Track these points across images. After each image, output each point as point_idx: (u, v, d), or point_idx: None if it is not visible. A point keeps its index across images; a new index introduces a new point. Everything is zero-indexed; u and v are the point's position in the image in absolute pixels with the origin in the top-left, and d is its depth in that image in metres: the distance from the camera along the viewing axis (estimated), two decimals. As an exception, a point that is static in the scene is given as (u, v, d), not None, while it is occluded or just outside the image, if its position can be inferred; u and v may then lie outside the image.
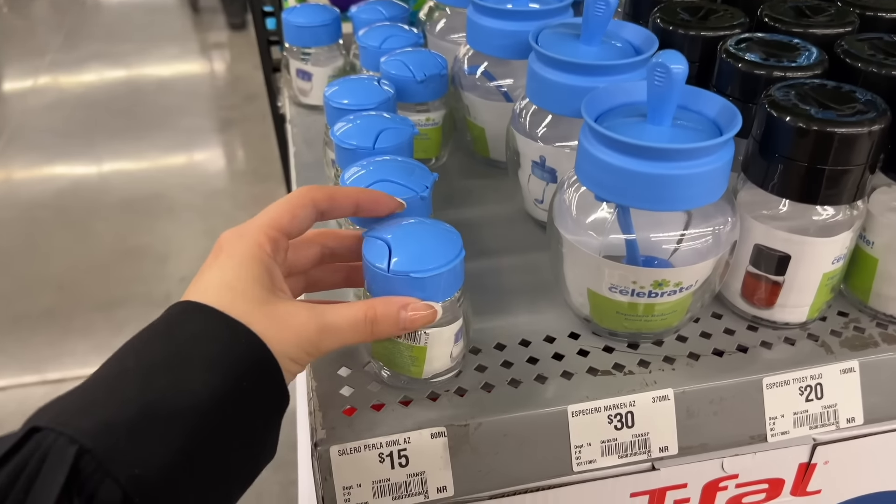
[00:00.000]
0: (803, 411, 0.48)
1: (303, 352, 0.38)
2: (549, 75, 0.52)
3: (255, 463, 0.37)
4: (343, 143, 0.52)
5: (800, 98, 0.45)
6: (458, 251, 0.42)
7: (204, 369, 0.34)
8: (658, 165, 0.41)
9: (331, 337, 0.39)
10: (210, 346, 0.35)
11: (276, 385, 0.37)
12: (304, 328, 0.38)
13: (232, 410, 0.34)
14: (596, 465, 0.46)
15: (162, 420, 0.32)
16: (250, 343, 0.36)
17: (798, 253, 0.47)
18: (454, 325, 0.44)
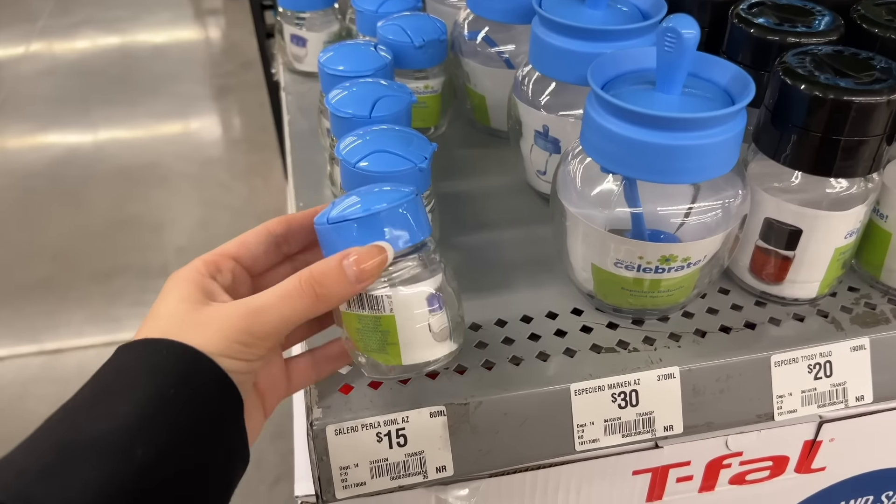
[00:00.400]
0: (811, 389, 0.47)
1: (234, 343, 0.35)
2: (553, 41, 0.50)
3: (222, 469, 0.35)
4: (338, 111, 0.50)
5: (815, 65, 0.43)
6: (410, 193, 0.39)
7: (124, 394, 0.33)
8: (667, 136, 0.39)
9: (262, 316, 0.36)
10: (132, 371, 0.34)
11: (213, 383, 0.34)
12: (227, 319, 0.35)
13: (163, 421, 0.32)
14: (599, 444, 0.45)
15: (79, 454, 0.30)
16: (171, 352, 0.34)
17: (810, 227, 0.45)
18: (424, 284, 0.39)
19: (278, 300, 0.36)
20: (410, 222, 0.38)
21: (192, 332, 0.35)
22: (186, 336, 0.35)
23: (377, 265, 0.37)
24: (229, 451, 0.36)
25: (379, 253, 0.37)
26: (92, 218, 1.98)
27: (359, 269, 0.36)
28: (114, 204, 2.02)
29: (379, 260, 0.37)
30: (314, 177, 0.61)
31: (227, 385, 0.35)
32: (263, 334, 0.36)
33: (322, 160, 0.62)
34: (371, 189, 0.40)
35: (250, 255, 0.41)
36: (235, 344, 0.35)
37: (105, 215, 1.98)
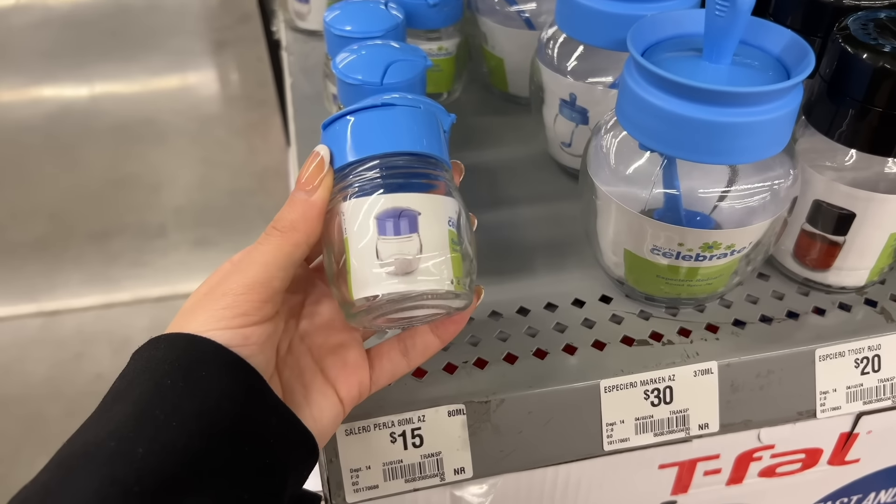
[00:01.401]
0: (857, 385, 0.44)
1: (220, 310, 0.31)
2: (584, 0, 0.45)
3: (257, 456, 0.31)
4: (347, 77, 0.46)
5: (879, 31, 0.39)
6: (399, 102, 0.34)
7: (124, 397, 0.30)
8: (716, 111, 0.35)
9: (236, 273, 0.32)
10: (132, 374, 0.31)
11: (213, 363, 0.31)
12: (209, 294, 0.32)
13: (162, 413, 0.29)
14: (629, 443, 0.42)
15: (77, 464, 0.28)
16: (167, 344, 0.31)
17: (863, 211, 0.41)
18: (381, 196, 0.32)
19: (248, 251, 0.33)
20: (377, 132, 0.33)
21: (187, 320, 0.32)
22: (183, 327, 0.32)
23: (315, 170, 0.33)
24: (260, 434, 0.31)
25: (314, 157, 0.33)
26: (88, 176, 1.93)
27: (303, 178, 0.33)
28: (110, 162, 1.98)
29: (316, 163, 0.33)
30: (319, 146, 0.57)
31: (232, 361, 0.31)
32: (242, 287, 0.32)
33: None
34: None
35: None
36: (222, 311, 0.31)
37: (101, 173, 1.94)
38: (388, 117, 0.33)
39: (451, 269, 0.31)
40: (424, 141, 0.33)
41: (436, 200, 0.32)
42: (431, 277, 0.31)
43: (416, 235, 0.31)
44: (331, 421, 0.35)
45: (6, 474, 1.25)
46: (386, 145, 0.33)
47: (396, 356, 0.37)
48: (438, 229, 0.32)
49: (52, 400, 1.38)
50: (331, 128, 0.34)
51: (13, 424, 1.35)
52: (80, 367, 1.44)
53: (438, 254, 0.31)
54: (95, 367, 1.43)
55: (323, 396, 0.35)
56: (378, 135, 0.33)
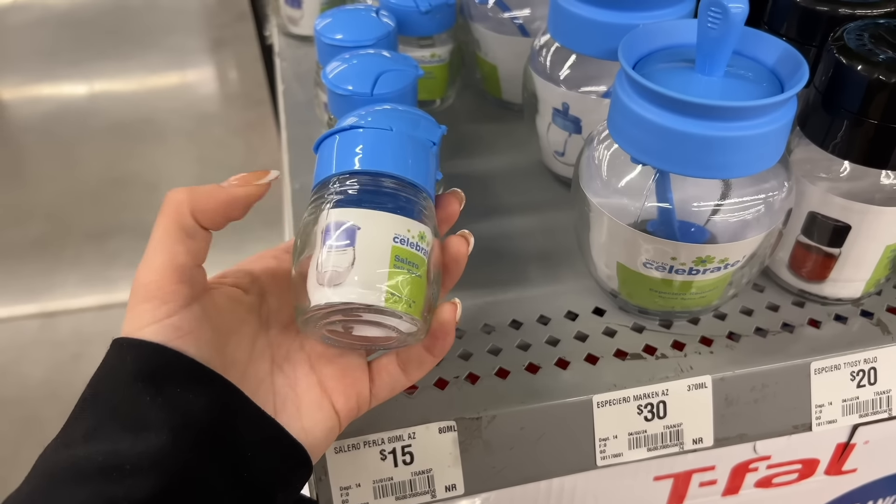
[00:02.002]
0: (853, 398, 0.43)
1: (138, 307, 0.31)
2: (575, 9, 0.44)
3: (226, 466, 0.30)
4: (337, 87, 0.45)
5: (874, 42, 0.38)
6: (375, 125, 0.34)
7: (101, 408, 0.30)
8: (709, 125, 0.34)
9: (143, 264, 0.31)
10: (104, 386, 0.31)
11: (187, 378, 0.30)
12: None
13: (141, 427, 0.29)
14: (622, 458, 0.41)
15: (68, 479, 0.28)
16: (135, 355, 0.30)
17: (859, 223, 0.41)
18: (335, 211, 0.32)
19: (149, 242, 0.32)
20: (343, 151, 0.34)
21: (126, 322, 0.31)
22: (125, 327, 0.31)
23: (255, 176, 0.34)
24: (238, 448, 0.30)
25: (267, 173, 0.34)
26: (86, 175, 1.93)
27: (238, 178, 0.34)
28: (108, 161, 1.97)
29: (262, 175, 0.34)
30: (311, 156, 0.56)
31: (204, 376, 0.30)
32: (150, 273, 0.31)
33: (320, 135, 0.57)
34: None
35: None
36: (138, 308, 0.31)
37: (99, 173, 1.93)
38: (354, 138, 0.34)
39: (385, 285, 0.31)
40: (390, 161, 0.33)
41: (380, 217, 0.32)
42: (359, 290, 0.31)
43: (351, 249, 0.31)
44: (324, 433, 0.34)
45: (4, 476, 1.25)
46: (346, 164, 0.33)
47: (395, 370, 0.36)
48: (378, 244, 0.31)
49: (50, 401, 1.38)
50: (321, 145, 0.35)
51: (11, 426, 1.34)
52: (77, 368, 1.43)
53: (373, 268, 0.31)
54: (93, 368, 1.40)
55: (317, 408, 0.34)
56: (343, 154, 0.34)
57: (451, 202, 0.37)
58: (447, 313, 0.34)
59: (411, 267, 0.32)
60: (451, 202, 0.37)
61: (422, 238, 0.33)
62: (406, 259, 0.32)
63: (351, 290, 0.31)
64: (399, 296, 0.31)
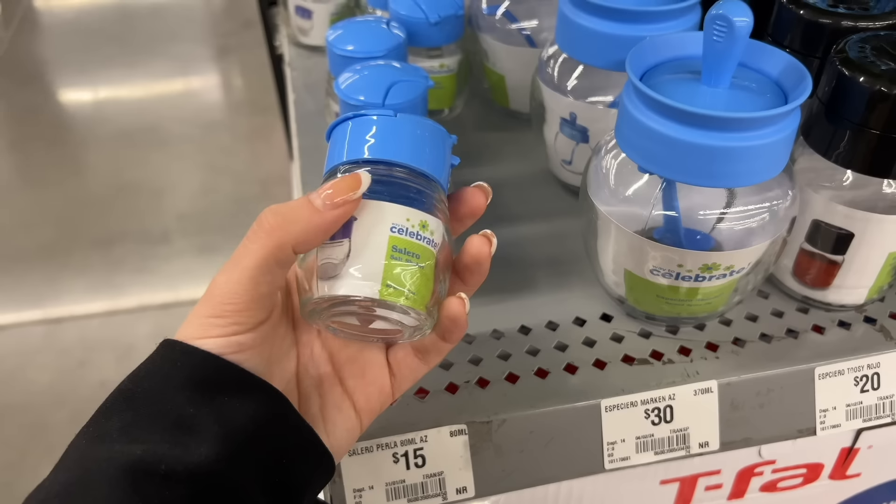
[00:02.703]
0: (857, 403, 0.44)
1: (204, 318, 0.31)
2: (583, 21, 0.45)
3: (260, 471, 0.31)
4: (349, 98, 0.46)
5: (876, 54, 0.39)
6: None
7: (145, 411, 0.30)
8: (714, 136, 0.35)
9: (221, 277, 0.31)
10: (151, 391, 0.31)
11: (238, 387, 0.31)
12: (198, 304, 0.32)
13: (188, 436, 0.29)
14: (630, 462, 0.42)
15: (100, 469, 0.28)
16: (186, 359, 0.30)
17: (862, 231, 0.41)
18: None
19: (237, 250, 0.31)
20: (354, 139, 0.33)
21: (186, 326, 0.31)
22: (183, 333, 0.31)
23: (346, 188, 0.31)
24: (282, 456, 0.31)
25: (355, 178, 0.31)
26: (92, 182, 1.94)
27: (330, 192, 0.30)
28: (114, 168, 1.98)
29: (351, 183, 0.31)
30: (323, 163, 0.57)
31: (254, 384, 0.31)
32: (228, 295, 0.30)
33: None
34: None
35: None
36: (205, 319, 0.31)
37: (105, 180, 1.94)
38: (363, 126, 0.33)
39: (381, 277, 0.30)
40: (392, 149, 0.32)
41: (377, 207, 0.31)
42: (354, 283, 0.30)
43: (346, 240, 0.31)
44: (345, 435, 0.34)
45: (11, 482, 1.26)
46: (352, 153, 0.32)
47: (413, 361, 0.36)
48: (375, 235, 0.31)
49: (56, 407, 1.39)
50: (332, 133, 0.34)
51: (17, 432, 1.35)
52: (83, 374, 1.44)
53: (368, 259, 0.31)
54: (99, 374, 1.44)
55: (339, 410, 0.35)
56: (349, 143, 0.33)
57: (475, 196, 0.36)
58: (455, 307, 0.33)
59: (411, 257, 0.31)
60: (475, 196, 0.36)
61: (424, 227, 0.32)
62: (405, 249, 0.31)
63: (345, 282, 0.30)
64: (397, 287, 0.30)
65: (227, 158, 2.02)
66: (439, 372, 0.42)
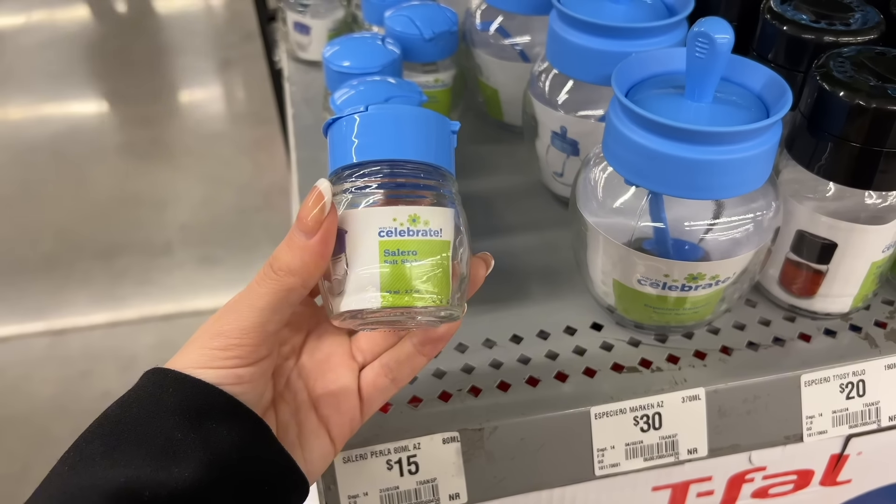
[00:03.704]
0: (843, 409, 0.45)
1: (208, 349, 0.31)
2: (572, 37, 0.46)
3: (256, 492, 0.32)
4: (345, 113, 0.47)
5: (855, 69, 0.40)
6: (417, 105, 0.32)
7: (134, 439, 0.30)
8: (698, 150, 0.36)
9: (230, 313, 0.32)
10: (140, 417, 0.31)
11: (225, 413, 0.31)
12: (201, 329, 0.32)
13: (173, 464, 0.30)
14: (619, 468, 0.43)
15: (84, 497, 0.28)
16: (177, 387, 0.31)
17: (845, 241, 0.42)
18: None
19: (245, 291, 0.32)
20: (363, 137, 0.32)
21: (184, 355, 0.32)
22: (180, 362, 0.32)
23: (316, 212, 0.30)
24: (263, 481, 0.32)
25: (314, 195, 0.31)
26: (94, 194, 1.95)
27: (301, 219, 0.31)
28: (116, 180, 2.00)
29: (316, 204, 0.30)
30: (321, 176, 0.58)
31: (241, 413, 0.32)
32: (237, 331, 0.31)
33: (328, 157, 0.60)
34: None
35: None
36: (209, 350, 0.31)
37: (107, 192, 1.96)
38: (369, 121, 0.32)
39: (379, 285, 0.30)
40: (372, 146, 0.32)
41: (361, 214, 0.31)
42: (355, 297, 0.31)
43: (343, 255, 0.31)
44: (321, 460, 0.36)
45: (14, 493, 1.26)
46: (339, 160, 0.32)
47: (383, 382, 0.37)
48: (364, 244, 0.31)
49: (59, 418, 1.40)
50: (335, 125, 0.33)
51: (20, 443, 1.36)
52: (86, 385, 1.45)
53: (363, 270, 0.31)
54: (102, 385, 1.45)
55: (315, 437, 0.36)
56: (336, 151, 0.33)
57: (476, 266, 0.35)
58: (440, 330, 0.35)
59: (407, 255, 0.30)
60: (476, 266, 0.35)
61: (414, 221, 0.31)
62: (398, 250, 0.30)
63: (349, 298, 0.31)
64: (397, 291, 0.30)
65: (229, 170, 2.03)
66: (432, 380, 0.43)
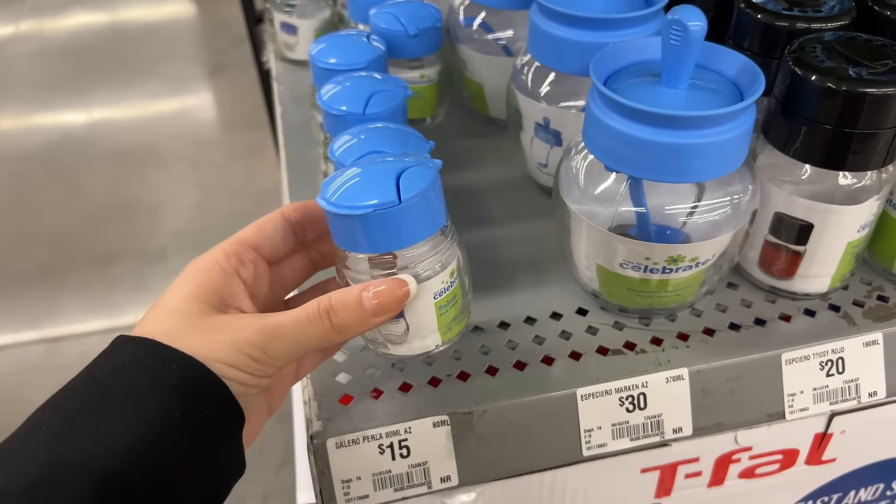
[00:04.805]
0: (823, 387, 0.46)
1: (243, 355, 0.33)
2: (552, 30, 0.48)
3: (216, 486, 0.34)
4: (331, 108, 0.48)
5: (827, 54, 0.41)
6: (426, 183, 0.35)
7: (126, 407, 0.31)
8: (674, 134, 0.37)
9: (278, 337, 0.34)
10: (132, 379, 0.32)
11: (219, 404, 0.33)
12: (242, 331, 0.34)
13: (164, 447, 0.31)
14: (606, 448, 0.44)
15: (70, 474, 0.29)
16: (183, 368, 0.32)
17: (821, 222, 0.44)
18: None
19: (295, 323, 0.35)
20: (431, 210, 0.36)
21: (199, 337, 0.33)
22: (192, 340, 0.33)
23: (398, 301, 0.36)
24: (223, 469, 0.34)
25: (401, 287, 0.36)
26: (88, 202, 1.96)
27: (378, 303, 0.35)
28: (109, 187, 2.00)
29: (401, 295, 0.36)
30: (310, 174, 0.59)
31: (234, 409, 0.33)
32: (276, 354, 0.34)
33: (317, 154, 0.61)
34: (379, 163, 0.37)
35: (270, 243, 0.39)
36: (245, 357, 0.34)
37: (101, 199, 1.96)
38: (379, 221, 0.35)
39: (438, 332, 0.39)
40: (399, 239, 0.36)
41: (419, 288, 0.36)
42: (418, 344, 0.39)
43: (402, 320, 0.38)
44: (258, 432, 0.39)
45: (13, 499, 1.26)
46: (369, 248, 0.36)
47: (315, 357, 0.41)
48: (424, 309, 0.37)
49: (57, 425, 1.40)
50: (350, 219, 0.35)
51: (19, 450, 1.36)
52: (84, 391, 1.45)
53: (424, 328, 0.38)
54: (99, 391, 1.45)
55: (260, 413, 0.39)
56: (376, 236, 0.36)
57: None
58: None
59: (453, 301, 0.38)
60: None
61: (452, 274, 0.38)
62: (446, 303, 0.38)
63: (412, 345, 0.39)
64: (445, 331, 0.39)
65: (222, 175, 2.04)
66: (422, 367, 0.44)
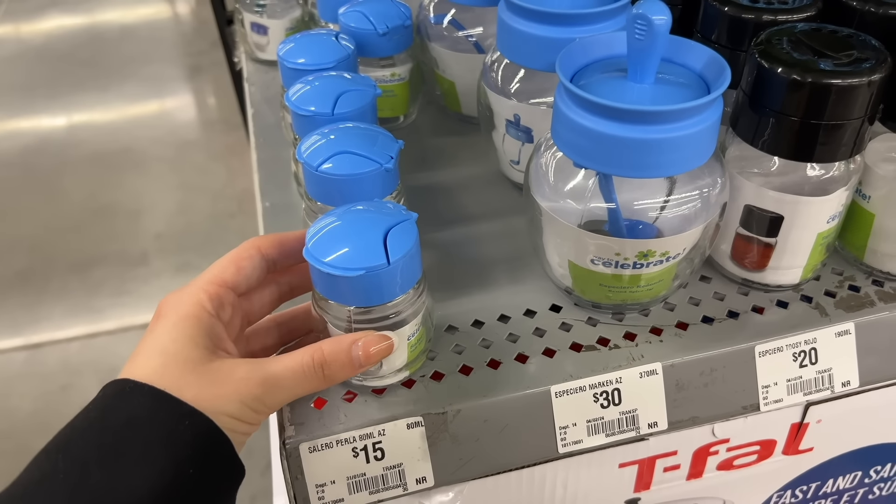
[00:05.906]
0: (797, 378, 0.46)
1: (246, 408, 0.36)
2: (520, 26, 0.47)
3: None
4: (299, 109, 0.48)
5: (792, 46, 0.41)
6: (411, 242, 0.38)
7: (142, 461, 0.32)
8: (641, 129, 0.37)
9: (276, 389, 0.37)
10: (147, 432, 0.33)
11: (225, 461, 0.35)
12: (245, 383, 0.35)
13: (178, 499, 0.32)
14: (582, 445, 0.44)
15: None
16: (193, 423, 0.34)
17: (791, 213, 0.44)
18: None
19: (292, 376, 0.37)
20: (413, 269, 0.39)
21: (203, 387, 0.35)
22: (197, 390, 0.35)
23: (383, 356, 0.39)
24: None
25: (386, 343, 0.39)
26: (67, 207, 1.94)
27: (365, 354, 0.38)
28: (89, 191, 1.99)
29: (386, 350, 0.39)
30: (280, 175, 0.59)
31: (236, 465, 0.36)
32: (271, 404, 0.37)
33: (289, 156, 0.60)
34: (361, 213, 0.40)
35: (246, 283, 0.40)
36: (247, 409, 0.36)
37: (81, 203, 1.95)
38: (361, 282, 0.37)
39: (407, 365, 0.42)
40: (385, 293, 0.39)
41: (395, 336, 0.40)
42: (391, 377, 0.42)
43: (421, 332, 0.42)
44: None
45: (-3, 509, 1.25)
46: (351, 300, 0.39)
47: None
48: (399, 349, 0.40)
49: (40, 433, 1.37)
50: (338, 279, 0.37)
51: (2, 460, 1.35)
52: (66, 398, 1.44)
53: (397, 363, 0.41)
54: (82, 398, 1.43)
55: None
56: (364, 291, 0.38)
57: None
58: None
59: (420, 338, 0.42)
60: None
61: (415, 325, 0.41)
62: (417, 341, 0.41)
63: (387, 380, 0.42)
64: (414, 361, 0.42)
65: (202, 177, 2.03)
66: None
